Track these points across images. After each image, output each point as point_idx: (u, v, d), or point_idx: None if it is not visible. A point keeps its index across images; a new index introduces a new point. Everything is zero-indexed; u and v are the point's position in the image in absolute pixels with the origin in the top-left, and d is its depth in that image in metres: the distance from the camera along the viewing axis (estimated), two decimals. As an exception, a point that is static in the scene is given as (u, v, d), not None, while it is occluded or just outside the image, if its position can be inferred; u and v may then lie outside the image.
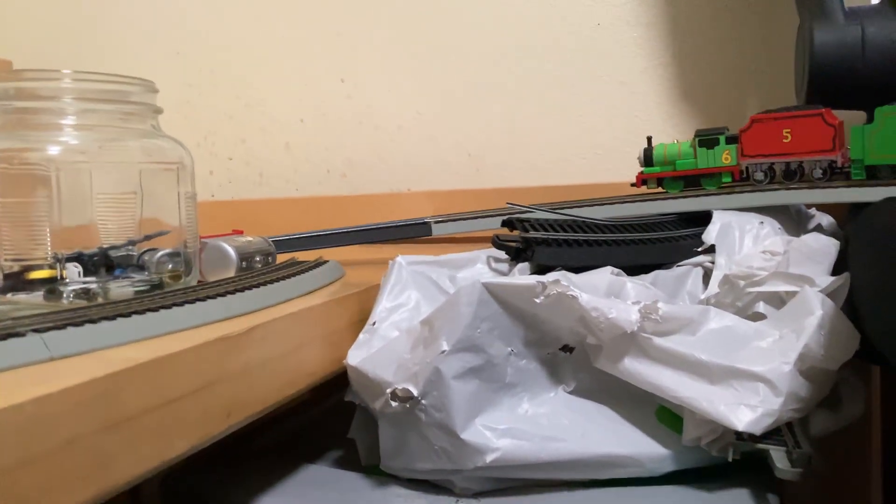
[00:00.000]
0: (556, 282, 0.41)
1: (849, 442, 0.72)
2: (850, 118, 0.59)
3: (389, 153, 0.96)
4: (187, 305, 0.37)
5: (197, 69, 1.04)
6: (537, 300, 0.41)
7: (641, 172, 0.65)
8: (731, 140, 0.61)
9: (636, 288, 0.46)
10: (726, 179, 0.62)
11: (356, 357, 0.43)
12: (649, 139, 0.66)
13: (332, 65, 0.98)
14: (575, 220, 0.56)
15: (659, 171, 0.65)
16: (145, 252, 0.43)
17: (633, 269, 0.50)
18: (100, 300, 0.39)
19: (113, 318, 0.33)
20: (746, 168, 0.61)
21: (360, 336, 0.45)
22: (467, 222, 0.65)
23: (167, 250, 0.43)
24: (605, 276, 0.47)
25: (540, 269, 0.49)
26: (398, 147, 0.96)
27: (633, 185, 0.67)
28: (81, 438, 0.25)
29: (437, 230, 0.65)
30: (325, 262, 0.55)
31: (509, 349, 0.43)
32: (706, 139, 0.62)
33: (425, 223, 0.66)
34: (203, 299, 0.38)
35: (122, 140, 0.42)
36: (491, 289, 0.41)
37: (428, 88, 0.94)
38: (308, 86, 1.00)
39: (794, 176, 0.59)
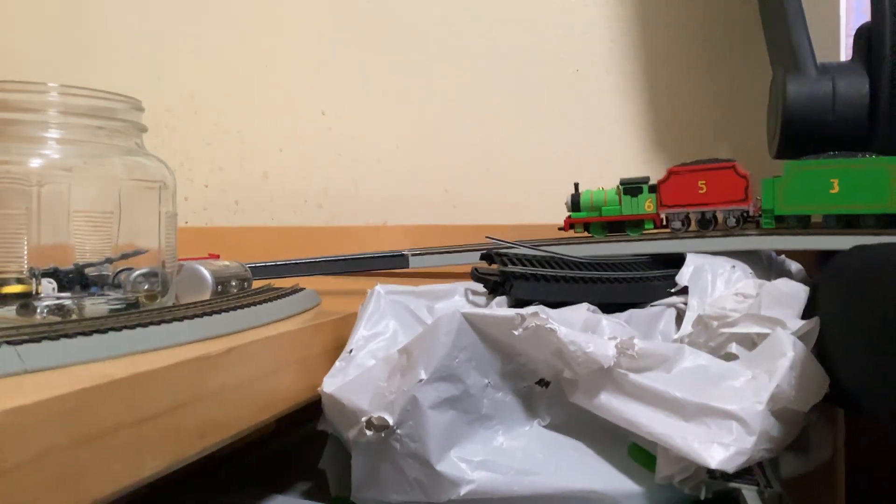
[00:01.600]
0: (535, 314, 0.41)
1: (814, 484, 0.72)
2: (759, 171, 0.61)
3: (367, 185, 0.97)
4: (164, 325, 0.36)
5: (177, 94, 1.04)
6: (516, 332, 0.41)
7: (569, 217, 0.67)
8: (654, 189, 0.63)
9: (611, 325, 0.46)
10: (648, 226, 0.64)
11: (331, 384, 0.43)
12: (576, 185, 0.67)
13: (313, 96, 0.99)
14: (553, 256, 0.56)
15: (585, 217, 0.66)
16: (122, 271, 0.42)
17: (607, 308, 0.51)
18: (74, 317, 0.39)
19: (89, 333, 0.32)
20: (665, 216, 0.63)
21: (336, 364, 0.45)
22: (445, 256, 0.65)
23: (144, 269, 0.43)
24: (581, 312, 0.47)
25: (517, 304, 0.49)
26: (376, 180, 0.96)
27: (560, 228, 0.68)
28: (53, 452, 0.25)
29: (415, 262, 0.65)
30: (302, 289, 0.55)
31: (486, 381, 0.42)
32: (630, 187, 0.64)
33: (402, 255, 0.66)
34: (180, 319, 0.38)
35: (105, 156, 0.42)
36: (470, 319, 0.41)
37: (407, 123, 0.95)
38: (288, 116, 1.00)
39: (709, 224, 0.61)
